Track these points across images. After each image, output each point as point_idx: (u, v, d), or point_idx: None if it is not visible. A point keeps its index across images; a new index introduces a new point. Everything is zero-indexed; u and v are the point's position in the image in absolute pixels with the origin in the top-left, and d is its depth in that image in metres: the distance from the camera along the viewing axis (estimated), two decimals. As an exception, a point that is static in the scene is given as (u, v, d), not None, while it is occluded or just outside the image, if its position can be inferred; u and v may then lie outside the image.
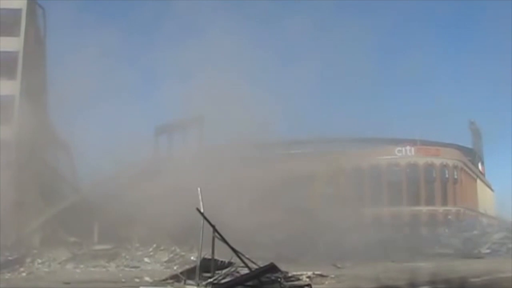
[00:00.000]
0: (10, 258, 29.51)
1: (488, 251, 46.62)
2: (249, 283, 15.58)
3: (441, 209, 77.37)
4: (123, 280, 21.56)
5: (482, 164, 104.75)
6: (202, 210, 15.64)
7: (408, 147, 79.33)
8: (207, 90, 62.18)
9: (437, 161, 79.39)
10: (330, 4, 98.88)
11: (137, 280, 21.36)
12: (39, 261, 30.60)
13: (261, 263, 17.15)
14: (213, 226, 15.58)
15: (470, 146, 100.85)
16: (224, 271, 16.68)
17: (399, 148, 79.62)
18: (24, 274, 26.68)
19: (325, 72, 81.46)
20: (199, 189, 15.91)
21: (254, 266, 16.45)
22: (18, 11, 42.35)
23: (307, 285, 16.76)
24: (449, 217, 75.21)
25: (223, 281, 15.61)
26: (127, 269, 29.19)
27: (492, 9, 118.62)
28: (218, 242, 15.73)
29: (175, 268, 26.19)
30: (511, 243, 47.79)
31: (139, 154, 49.32)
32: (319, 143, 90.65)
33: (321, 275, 21.77)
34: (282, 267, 18.10)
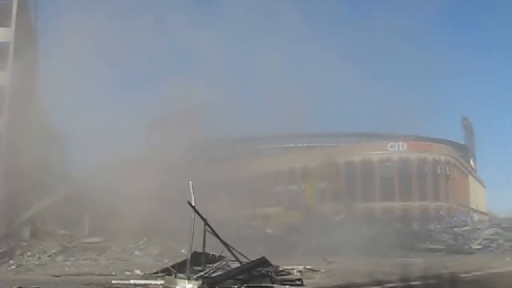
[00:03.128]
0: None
1: (479, 247, 46.75)
2: (240, 277, 15.53)
3: (433, 204, 77.60)
4: (113, 273, 21.45)
5: (474, 160, 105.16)
6: (193, 204, 15.56)
7: (400, 143, 79.47)
8: (201, 83, 62.13)
9: (430, 157, 79.60)
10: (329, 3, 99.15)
11: (127, 273, 21.27)
12: (29, 253, 30.44)
13: (252, 257, 17.09)
14: (204, 220, 15.51)
15: (462, 142, 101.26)
16: (215, 264, 16.63)
17: (392, 144, 79.75)
18: (13, 266, 26.50)
19: (318, 67, 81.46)
20: (190, 182, 15.82)
21: (245, 260, 16.39)
22: (9, 1, 42.03)
23: (298, 279, 16.71)
24: (441, 212, 75.44)
25: (214, 274, 15.54)
26: (117, 262, 29.06)
27: (486, 7, 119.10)
28: (209, 236, 15.64)
29: (166, 261, 26.06)
30: (501, 239, 47.94)
31: (131, 147, 49.14)
32: (312, 138, 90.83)
33: (312, 270, 21.74)
34: (273, 261, 18.05)
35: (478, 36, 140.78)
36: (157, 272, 18.51)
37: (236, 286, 15.06)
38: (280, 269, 18.50)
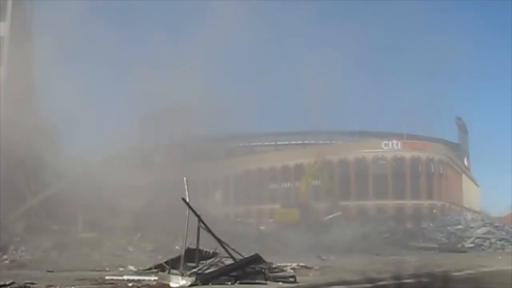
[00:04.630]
0: (-7, 245, 29.24)
1: (471, 245, 47.03)
2: (234, 274, 15.58)
3: (426, 203, 77.86)
4: (107, 268, 21.41)
5: (468, 159, 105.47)
6: (187, 200, 15.59)
7: (394, 141, 79.66)
8: (195, 79, 62.03)
9: (423, 156, 79.81)
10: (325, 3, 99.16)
11: (121, 268, 21.24)
12: (23, 248, 30.32)
13: (246, 254, 17.14)
14: (198, 216, 15.54)
15: (456, 141, 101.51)
16: (208, 261, 16.65)
17: (386, 142, 79.95)
18: (7, 261, 26.39)
19: (313, 65, 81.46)
20: (185, 178, 15.84)
21: (238, 257, 16.43)
22: (5, -4, 41.97)
23: (292, 276, 16.76)
24: (434, 211, 75.73)
25: (207, 271, 15.58)
26: (111, 257, 28.99)
27: (482, 7, 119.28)
28: (203, 232, 15.68)
29: (159, 257, 26.06)
30: (494, 238, 48.26)
31: (126, 142, 49.11)
32: (306, 135, 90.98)
33: (305, 267, 21.81)
34: (267, 258, 18.10)
35: (473, 36, 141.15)
36: (150, 268, 18.50)
37: (229, 283, 15.10)
38: (274, 266, 18.56)
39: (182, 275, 14.81)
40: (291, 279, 16.21)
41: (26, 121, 37.43)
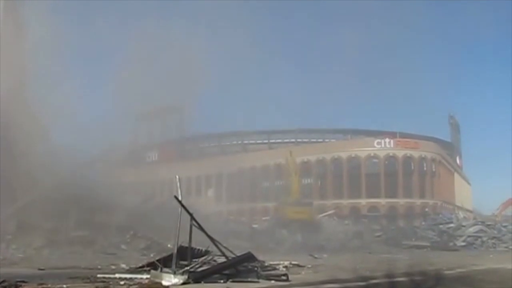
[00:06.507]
0: (-16, 243, 29.13)
1: (463, 244, 47.26)
2: (226, 272, 15.57)
3: (418, 201, 78.00)
4: (99, 266, 21.36)
5: (460, 157, 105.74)
6: (180, 198, 15.56)
7: (387, 140, 79.74)
8: (188, 78, 62.01)
9: (416, 154, 79.94)
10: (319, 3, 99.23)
11: (113, 267, 21.19)
12: (14, 246, 30.23)
13: (238, 252, 17.13)
14: (190, 214, 15.51)
15: (448, 140, 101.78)
16: (201, 259, 16.63)
17: (378, 140, 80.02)
18: (-2, 259, 26.32)
19: (306, 63, 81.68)
20: (177, 176, 15.81)
21: (231, 255, 16.42)
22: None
23: (284, 274, 16.75)
24: (426, 209, 75.87)
25: (200, 269, 15.56)
26: (103, 255, 28.97)
27: (472, 9, 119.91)
28: (196, 230, 15.66)
29: (152, 255, 26.05)
30: (486, 237, 48.48)
31: (119, 140, 49.02)
32: (299, 133, 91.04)
33: (298, 265, 21.82)
34: (259, 256, 18.10)
35: (466, 35, 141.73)
36: (143, 266, 18.44)
37: (222, 281, 15.09)
38: (266, 264, 18.56)
39: (175, 273, 14.79)
40: (284, 277, 16.19)
41: (19, 118, 37.30)
